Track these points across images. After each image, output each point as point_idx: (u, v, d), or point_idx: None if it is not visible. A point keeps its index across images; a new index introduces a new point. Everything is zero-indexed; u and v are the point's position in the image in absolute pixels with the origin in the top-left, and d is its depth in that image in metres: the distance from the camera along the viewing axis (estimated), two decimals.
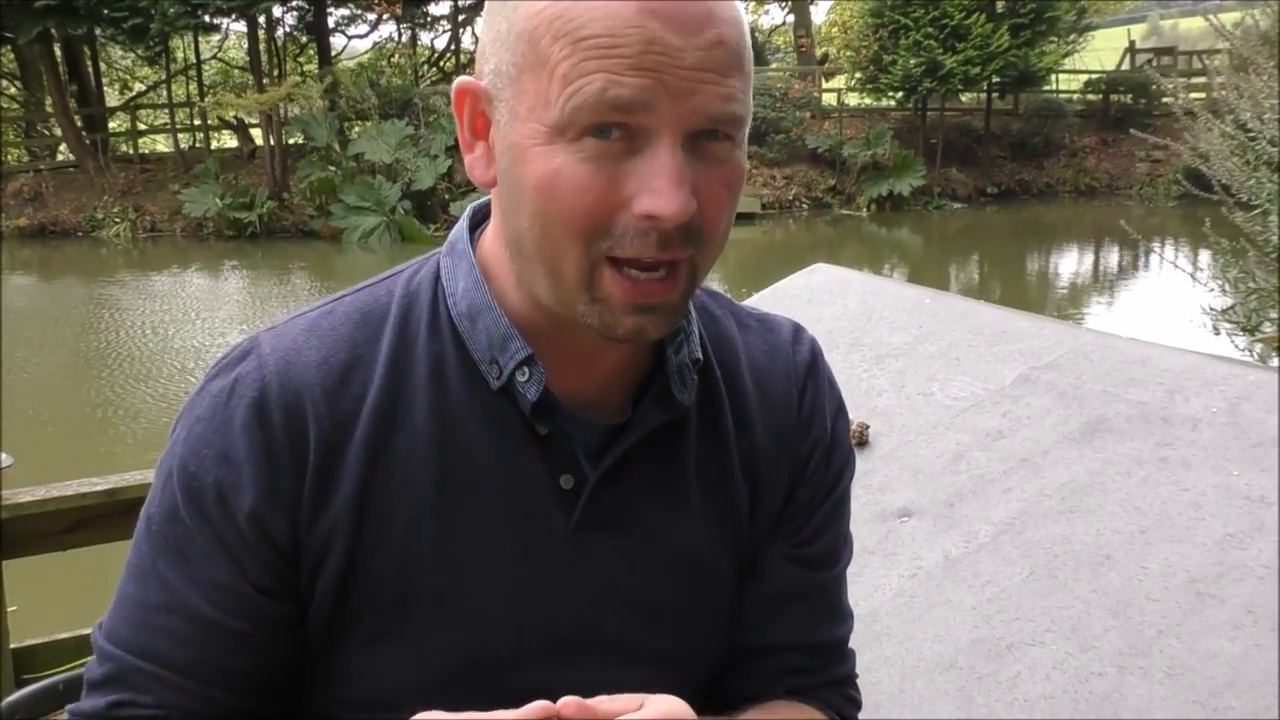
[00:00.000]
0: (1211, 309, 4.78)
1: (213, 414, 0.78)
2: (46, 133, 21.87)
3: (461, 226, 0.85)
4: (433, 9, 23.22)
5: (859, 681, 0.96)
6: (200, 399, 0.80)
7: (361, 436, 0.78)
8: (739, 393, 0.88)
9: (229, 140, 22.30)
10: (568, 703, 0.66)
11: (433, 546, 0.79)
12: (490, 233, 0.83)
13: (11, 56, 22.49)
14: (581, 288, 0.73)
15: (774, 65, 24.69)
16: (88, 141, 19.67)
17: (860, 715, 0.96)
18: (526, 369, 0.78)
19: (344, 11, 22.62)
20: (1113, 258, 15.85)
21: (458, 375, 0.80)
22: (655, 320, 0.74)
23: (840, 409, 0.93)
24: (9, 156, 20.99)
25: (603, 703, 0.67)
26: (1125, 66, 22.49)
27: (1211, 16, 4.79)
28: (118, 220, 18.19)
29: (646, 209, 0.69)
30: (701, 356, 0.84)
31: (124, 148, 20.83)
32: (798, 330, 0.94)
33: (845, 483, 0.93)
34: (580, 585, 0.82)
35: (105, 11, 18.22)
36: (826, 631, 0.92)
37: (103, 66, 24.11)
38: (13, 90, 23.63)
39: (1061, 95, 22.06)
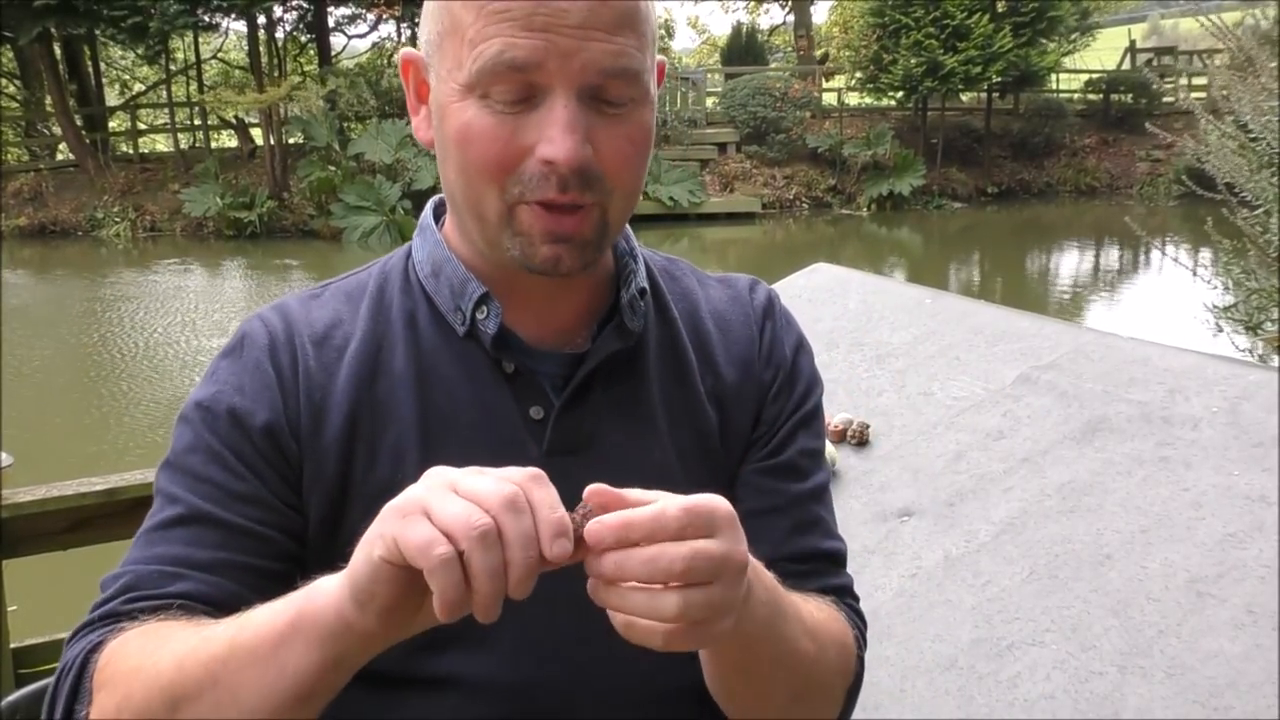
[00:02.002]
0: (1215, 306, 4.79)
1: (228, 364, 0.88)
2: (46, 132, 21.87)
3: (427, 210, 0.96)
4: None
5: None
6: (213, 365, 0.89)
7: (346, 378, 0.87)
8: (702, 334, 0.96)
9: (229, 140, 22.29)
10: (592, 491, 0.65)
11: (417, 473, 0.83)
12: (449, 211, 0.92)
13: (11, 56, 22.48)
14: (503, 225, 0.81)
15: (774, 65, 24.66)
16: (88, 141, 19.66)
17: (860, 715, 0.95)
18: (485, 307, 0.87)
19: (344, 11, 22.61)
20: (1113, 257, 15.85)
21: (429, 325, 0.89)
22: (570, 251, 0.81)
23: (801, 344, 1.00)
24: (9, 156, 20.97)
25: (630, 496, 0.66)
26: (1126, 66, 22.47)
27: (1209, 18, 4.79)
28: (118, 220, 18.18)
29: (543, 154, 0.77)
30: (648, 287, 0.92)
31: (124, 147, 20.82)
32: (755, 282, 1.02)
33: (811, 402, 0.98)
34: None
35: (105, 11, 18.19)
36: (811, 542, 0.94)
37: (103, 66, 24.10)
38: (13, 90, 23.62)
39: (1062, 95, 22.04)
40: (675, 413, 0.91)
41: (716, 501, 0.65)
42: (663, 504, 0.63)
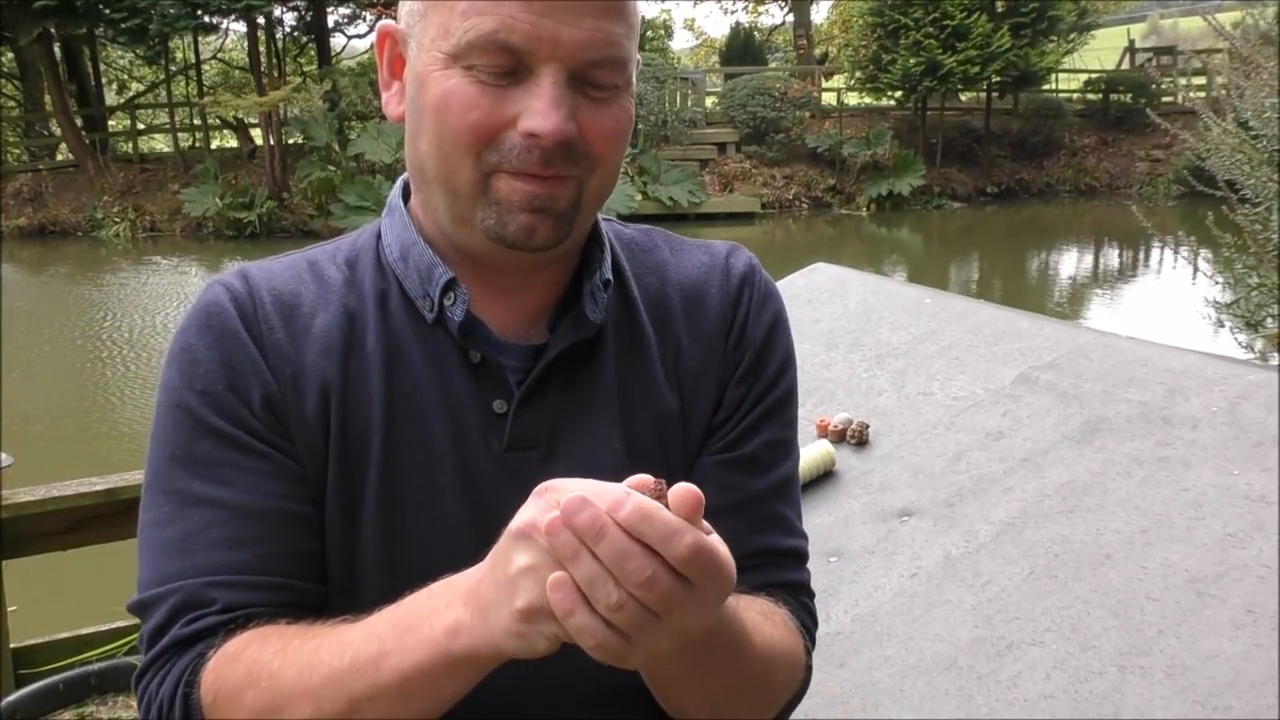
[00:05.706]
0: (1216, 302, 4.80)
1: (204, 341, 0.83)
2: (46, 133, 21.86)
3: (395, 189, 0.93)
4: None
5: (860, 681, 0.96)
6: (182, 342, 0.85)
7: (317, 352, 0.84)
8: (666, 311, 0.92)
9: (229, 140, 22.28)
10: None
11: (379, 460, 0.84)
12: (414, 189, 0.89)
13: (11, 56, 22.47)
14: (477, 196, 0.79)
15: (773, 65, 24.64)
16: (87, 141, 19.65)
17: (860, 715, 0.95)
18: (452, 293, 0.84)
19: (344, 11, 22.60)
20: (1113, 256, 15.84)
21: (400, 307, 0.87)
22: (545, 221, 0.79)
23: (778, 319, 0.95)
24: (9, 156, 20.96)
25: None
26: (1125, 66, 22.46)
27: (1210, 16, 4.79)
28: (117, 220, 18.17)
29: (528, 127, 0.76)
30: (611, 278, 0.89)
31: (124, 147, 20.80)
32: (735, 248, 0.97)
33: (781, 390, 0.93)
34: (516, 504, 0.83)
35: (105, 11, 18.19)
36: (768, 540, 0.90)
37: (102, 66, 24.09)
38: (13, 90, 23.61)
39: (1061, 95, 22.03)
40: (632, 402, 0.88)
41: (728, 567, 0.62)
42: (688, 530, 0.60)
